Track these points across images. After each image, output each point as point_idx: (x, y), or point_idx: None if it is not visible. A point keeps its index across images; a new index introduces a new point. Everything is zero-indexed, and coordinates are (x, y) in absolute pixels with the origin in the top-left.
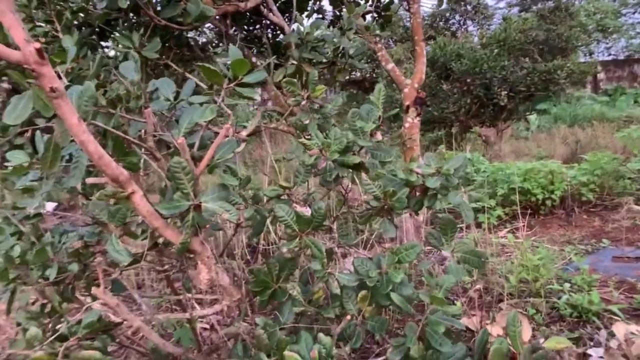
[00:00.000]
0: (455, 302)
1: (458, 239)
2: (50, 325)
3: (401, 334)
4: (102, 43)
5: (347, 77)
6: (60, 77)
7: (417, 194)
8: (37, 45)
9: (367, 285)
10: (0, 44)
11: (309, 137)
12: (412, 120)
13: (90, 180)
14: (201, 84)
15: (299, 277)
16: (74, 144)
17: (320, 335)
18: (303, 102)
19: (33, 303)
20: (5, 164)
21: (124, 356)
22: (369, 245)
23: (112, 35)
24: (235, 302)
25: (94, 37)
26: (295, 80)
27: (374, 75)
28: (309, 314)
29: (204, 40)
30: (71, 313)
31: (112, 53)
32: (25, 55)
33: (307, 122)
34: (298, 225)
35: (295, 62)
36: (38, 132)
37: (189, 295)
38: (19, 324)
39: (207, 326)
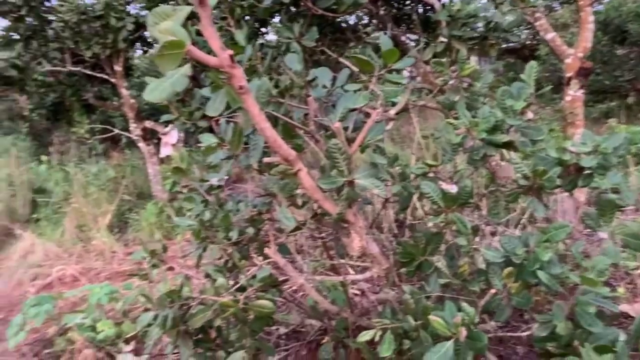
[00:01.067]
0: (617, 287)
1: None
2: (231, 278)
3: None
4: (262, 29)
5: (504, 46)
6: None
7: (572, 172)
8: (231, 52)
9: (513, 263)
10: (201, 52)
11: (457, 115)
12: (574, 93)
13: (267, 159)
14: (352, 67)
15: (444, 251)
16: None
17: (464, 305)
18: (452, 81)
19: (219, 259)
20: (198, 144)
21: (287, 311)
22: (520, 225)
23: (271, 24)
24: (384, 270)
25: (255, 24)
26: (443, 60)
27: (535, 42)
28: (454, 286)
29: (355, 20)
30: (247, 269)
31: (268, 37)
32: (221, 60)
33: (455, 100)
34: (444, 202)
35: (444, 40)
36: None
37: (342, 261)
38: (207, 276)
39: (358, 292)
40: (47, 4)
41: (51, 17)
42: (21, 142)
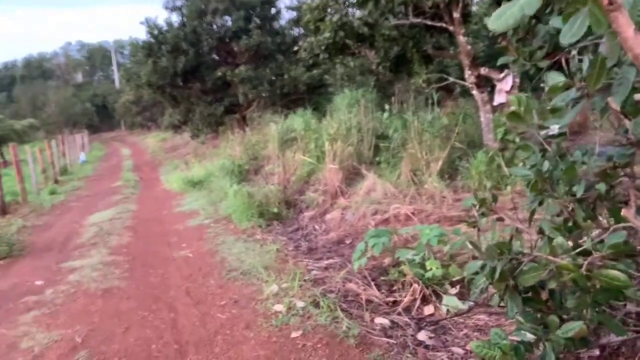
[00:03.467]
0: None
1: None
2: (570, 239)
3: None
4: None
5: None
6: None
7: None
8: None
9: None
10: None
11: None
12: None
13: (638, 96)
14: None
15: None
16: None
17: None
18: None
19: (557, 215)
20: (542, 84)
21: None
22: None
23: None
24: None
25: None
26: None
27: None
28: None
29: None
30: (592, 231)
31: None
32: None
33: None
34: None
35: None
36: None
37: None
38: (540, 232)
39: None
40: None
41: None
42: (369, 94)
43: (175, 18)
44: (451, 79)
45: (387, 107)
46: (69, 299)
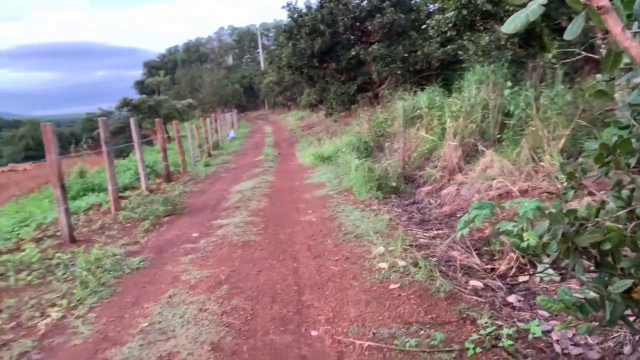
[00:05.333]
0: None
1: None
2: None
3: None
4: None
5: None
6: None
7: None
8: None
9: None
10: None
11: None
12: None
13: (639, 80)
14: None
15: None
16: None
17: None
18: None
19: (623, 186)
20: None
21: None
22: None
23: None
24: None
25: None
26: None
27: None
28: None
29: None
30: None
31: None
32: None
33: None
34: None
35: None
36: None
37: None
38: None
39: None
40: None
41: None
42: (500, 69)
43: (314, 0)
44: (584, 54)
45: (509, 83)
46: (216, 247)
